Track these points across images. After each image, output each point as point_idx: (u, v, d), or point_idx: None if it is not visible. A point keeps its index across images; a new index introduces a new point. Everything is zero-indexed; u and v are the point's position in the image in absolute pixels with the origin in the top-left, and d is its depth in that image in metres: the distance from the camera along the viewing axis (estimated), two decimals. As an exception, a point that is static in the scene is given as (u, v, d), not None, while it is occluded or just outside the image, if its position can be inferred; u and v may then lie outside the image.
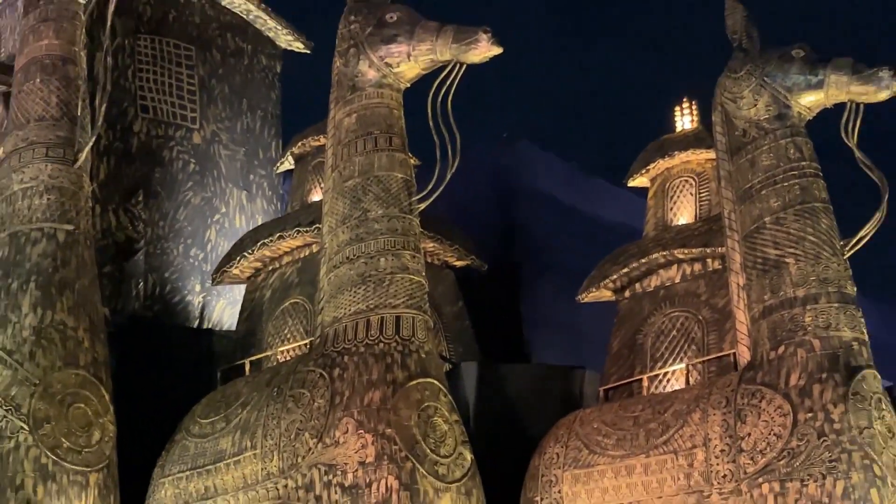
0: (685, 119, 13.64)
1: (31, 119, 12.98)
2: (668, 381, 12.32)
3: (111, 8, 13.26)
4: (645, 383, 12.43)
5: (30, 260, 12.52)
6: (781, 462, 10.56)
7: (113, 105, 14.77)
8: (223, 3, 16.77)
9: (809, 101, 11.60)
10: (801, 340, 10.88)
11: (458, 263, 14.33)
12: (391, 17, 12.25)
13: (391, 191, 12.05)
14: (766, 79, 11.62)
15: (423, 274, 12.05)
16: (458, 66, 11.85)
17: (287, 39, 17.41)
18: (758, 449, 10.69)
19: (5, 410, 11.88)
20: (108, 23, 13.26)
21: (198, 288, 15.81)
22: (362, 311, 11.70)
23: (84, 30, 13.48)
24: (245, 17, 17.03)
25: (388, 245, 11.84)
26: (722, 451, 10.92)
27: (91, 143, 13.03)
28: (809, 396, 10.65)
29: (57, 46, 13.18)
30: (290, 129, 16.19)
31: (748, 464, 10.73)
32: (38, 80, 13.07)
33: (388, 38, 12.16)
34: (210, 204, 16.24)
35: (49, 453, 11.86)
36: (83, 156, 12.95)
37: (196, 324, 15.63)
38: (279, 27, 17.22)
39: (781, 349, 10.95)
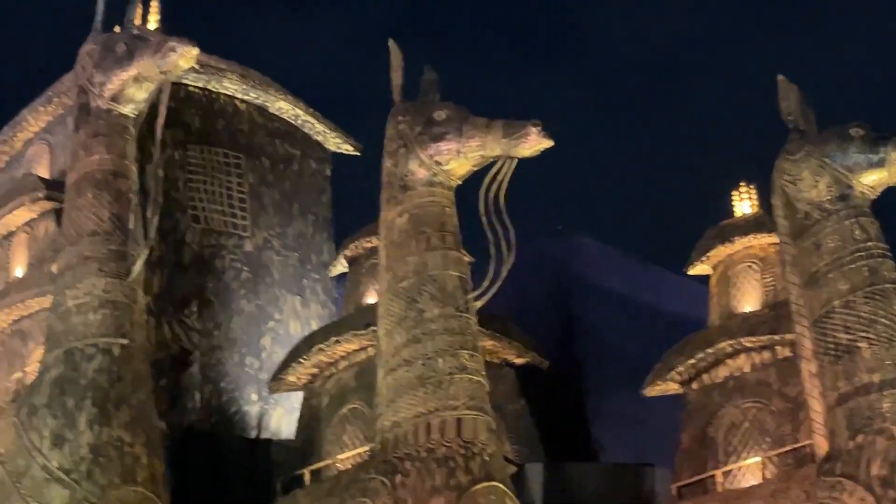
0: (744, 203, 13.61)
1: (84, 234, 13.19)
2: (744, 475, 12.10)
3: (160, 121, 13.52)
4: (719, 479, 12.21)
5: (85, 376, 12.60)
6: (869, 559, 10.29)
7: (165, 216, 14.96)
8: (271, 110, 17.05)
9: (872, 180, 11.50)
10: (880, 428, 10.66)
11: (519, 361, 14.26)
12: (439, 115, 12.41)
13: (446, 290, 12.06)
14: (825, 159, 11.55)
15: (483, 373, 11.99)
16: (508, 160, 11.99)
17: (336, 142, 17.63)
18: (842, 544, 10.44)
19: (64, 532, 11.91)
20: (158, 135, 13.53)
21: (255, 397, 15.80)
22: (422, 415, 11.64)
23: (134, 143, 13.77)
24: (293, 122, 17.29)
25: (446, 345, 11.81)
26: (805, 548, 10.69)
27: (144, 256, 13.18)
28: (892, 486, 10.41)
29: (108, 161, 13.45)
30: (342, 231, 16.35)
31: (833, 562, 10.46)
32: (89, 195, 13.31)
33: (438, 136, 12.30)
34: (264, 311, 16.30)
35: (109, 574, 11.87)
36: (136, 269, 13.10)
37: (254, 434, 15.57)
38: (328, 130, 17.46)
39: (860, 438, 10.72)
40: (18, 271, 15.51)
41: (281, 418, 15.84)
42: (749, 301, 13.02)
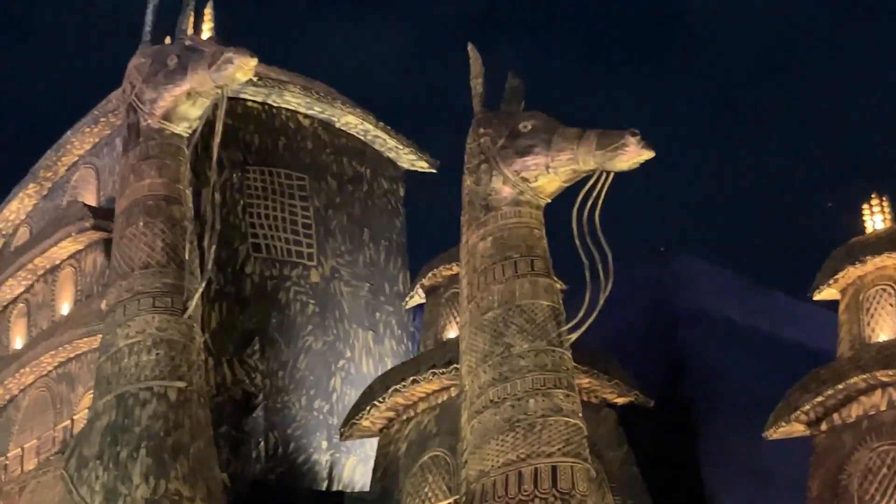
0: (876, 218, 13.50)
1: (136, 267, 13.35)
2: (883, 528, 11.99)
3: (216, 140, 13.62)
4: (855, 533, 12.08)
5: (139, 423, 12.73)
6: None
7: (223, 245, 15.17)
8: (338, 126, 17.21)
9: None
10: None
11: (620, 400, 14.19)
12: (525, 127, 12.42)
13: (537, 321, 12.04)
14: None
15: (580, 415, 11.94)
16: (604, 175, 11.95)
17: (410, 159, 17.75)
18: None
19: None
20: (215, 156, 13.69)
21: (324, 444, 15.89)
22: (513, 463, 11.62)
23: (188, 165, 13.94)
24: (362, 137, 17.44)
25: (538, 384, 11.79)
26: None
27: (201, 290, 13.32)
28: None
29: (160, 185, 13.61)
30: (418, 258, 16.40)
31: None
32: (141, 223, 13.48)
33: (524, 149, 12.31)
34: (333, 349, 16.42)
35: None
36: (193, 304, 13.24)
37: (324, 485, 15.65)
38: (400, 146, 17.58)
39: None
40: (64, 308, 15.85)
41: (354, 468, 15.94)
42: (884, 329, 12.93)
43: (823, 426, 12.90)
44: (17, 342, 16.31)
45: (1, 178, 17.73)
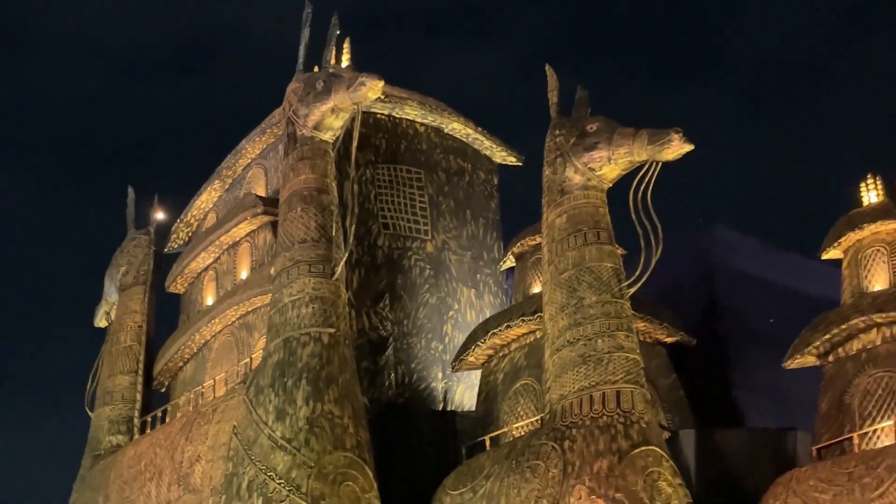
0: (871, 193, 13.12)
1: (296, 242, 13.61)
2: (878, 437, 11.67)
3: (354, 144, 13.82)
4: (856, 441, 11.82)
5: (301, 360, 12.98)
6: None
7: (360, 225, 15.27)
8: (446, 131, 17.18)
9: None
10: None
11: (669, 340, 14.08)
12: (591, 128, 12.40)
13: (602, 279, 12.04)
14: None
15: (638, 351, 11.93)
16: (654, 164, 11.90)
17: (501, 155, 17.65)
18: (975, 499, 9.98)
19: (288, 490, 12.28)
20: (353, 157, 13.86)
21: (440, 375, 15.94)
22: (585, 388, 11.67)
23: (333, 164, 14.12)
24: (465, 139, 17.36)
25: (604, 327, 11.81)
26: (939, 502, 10.24)
27: (345, 259, 13.52)
28: None
29: (313, 180, 13.84)
30: (509, 232, 16.36)
31: (966, 513, 10.00)
32: (298, 209, 13.73)
33: (590, 145, 12.30)
34: (444, 303, 16.43)
35: (325, 527, 12.12)
36: (339, 269, 13.45)
37: (441, 407, 15.73)
38: (494, 145, 17.50)
39: None
40: (243, 274, 16.01)
41: (463, 393, 15.97)
42: (878, 281, 12.60)
43: (831, 358, 12.65)
44: (209, 300, 16.46)
45: (196, 177, 17.86)
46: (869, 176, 13.25)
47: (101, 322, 17.80)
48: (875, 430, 11.72)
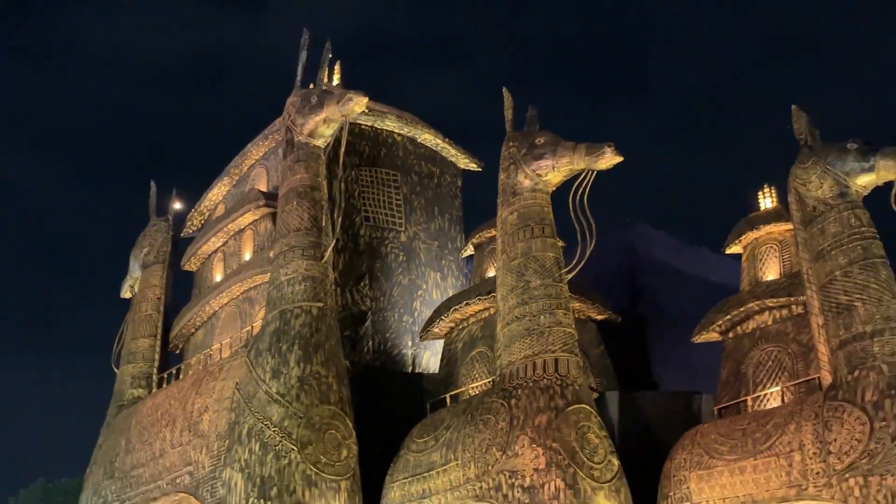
0: (766, 200, 13.29)
1: (291, 230, 13.58)
2: (768, 400, 11.87)
3: (342, 149, 13.81)
4: (749, 403, 11.99)
5: (294, 329, 12.98)
6: (863, 461, 10.03)
7: (345, 217, 15.21)
8: (419, 140, 17.12)
9: (864, 182, 11.16)
10: (871, 365, 10.39)
11: (599, 317, 14.17)
12: (539, 141, 12.46)
13: (546, 266, 12.14)
14: (828, 167, 11.26)
15: (573, 326, 12.04)
16: (590, 172, 11.98)
17: (465, 162, 17.62)
18: (843, 451, 10.20)
19: (281, 437, 12.32)
20: (340, 160, 13.83)
21: (410, 343, 15.95)
22: (530, 356, 11.77)
23: (324, 166, 14.06)
24: (434, 148, 17.32)
25: (546, 306, 11.90)
26: (814, 453, 10.45)
27: (332, 245, 13.50)
28: (882, 409, 10.14)
29: (307, 179, 13.81)
30: (470, 225, 16.41)
31: (836, 463, 10.22)
32: (294, 202, 13.70)
33: (538, 155, 12.36)
34: (415, 283, 16.41)
35: (312, 467, 12.23)
36: (327, 254, 13.43)
37: (410, 369, 15.75)
38: (458, 153, 17.47)
39: (857, 373, 10.45)
40: (247, 256, 15.95)
41: (429, 358, 15.99)
42: (771, 272, 12.73)
43: (731, 334, 12.75)
44: (217, 277, 16.35)
45: (208, 174, 17.72)
46: (765, 185, 13.44)
47: (126, 294, 17.74)
48: (765, 395, 11.89)
